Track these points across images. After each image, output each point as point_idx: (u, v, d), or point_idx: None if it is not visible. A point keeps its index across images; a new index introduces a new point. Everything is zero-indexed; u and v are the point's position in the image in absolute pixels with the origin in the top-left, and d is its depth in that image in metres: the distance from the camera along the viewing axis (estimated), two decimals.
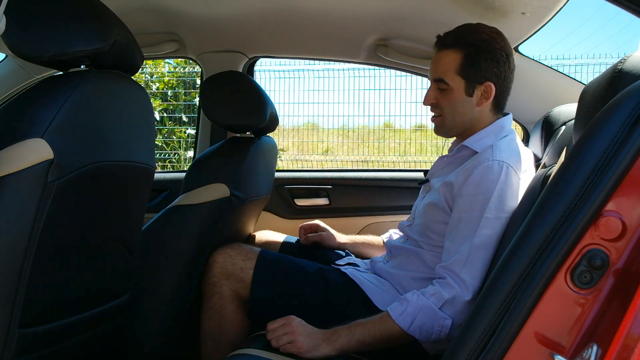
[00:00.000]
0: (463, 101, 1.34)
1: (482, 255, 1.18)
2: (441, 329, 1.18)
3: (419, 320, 1.18)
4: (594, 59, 5.22)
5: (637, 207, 0.67)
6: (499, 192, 1.21)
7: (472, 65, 1.31)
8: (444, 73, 1.33)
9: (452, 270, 1.20)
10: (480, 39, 1.31)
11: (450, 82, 1.32)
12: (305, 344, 1.18)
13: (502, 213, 1.20)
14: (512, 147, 1.31)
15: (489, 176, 1.22)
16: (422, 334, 1.18)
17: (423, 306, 1.18)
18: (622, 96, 0.73)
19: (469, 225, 1.21)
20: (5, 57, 2.02)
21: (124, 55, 1.10)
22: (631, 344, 0.58)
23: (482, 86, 1.32)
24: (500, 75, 1.33)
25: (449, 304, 1.18)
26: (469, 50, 1.31)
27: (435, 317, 1.18)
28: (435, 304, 1.18)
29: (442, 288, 1.19)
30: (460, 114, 1.35)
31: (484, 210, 1.20)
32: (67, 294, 1.07)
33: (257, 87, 1.67)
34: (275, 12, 1.76)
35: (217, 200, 1.49)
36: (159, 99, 5.55)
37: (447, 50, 1.33)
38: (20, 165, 0.88)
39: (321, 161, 5.86)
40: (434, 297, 1.19)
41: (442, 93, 1.35)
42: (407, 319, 1.18)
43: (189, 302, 1.50)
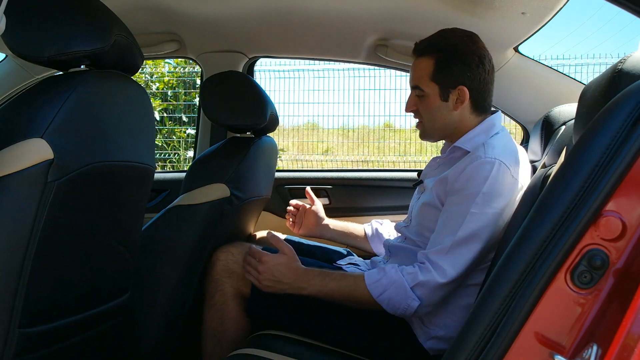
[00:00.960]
0: (439, 106, 1.36)
1: (465, 249, 1.21)
2: (407, 308, 1.23)
3: (389, 293, 1.23)
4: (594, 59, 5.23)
5: (637, 207, 0.67)
6: (488, 188, 1.22)
7: (444, 70, 1.33)
8: (419, 80, 1.36)
9: (432, 258, 1.23)
10: (451, 43, 1.34)
11: (425, 88, 1.35)
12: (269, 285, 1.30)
13: (489, 209, 1.22)
14: (505, 143, 1.32)
15: (481, 172, 1.24)
16: (389, 306, 1.24)
17: (397, 281, 1.23)
18: (622, 96, 0.73)
19: (455, 218, 1.24)
20: (5, 57, 2.02)
21: (124, 55, 1.10)
22: (631, 344, 0.58)
23: (455, 90, 1.34)
24: (474, 78, 1.34)
25: (422, 286, 1.22)
26: (440, 56, 1.34)
27: (405, 295, 1.22)
28: (409, 283, 1.22)
29: (420, 270, 1.23)
30: (438, 119, 1.37)
31: (471, 205, 1.22)
32: (67, 294, 1.07)
33: (257, 87, 1.67)
34: (275, 12, 1.76)
35: (217, 200, 1.49)
36: (159, 99, 5.55)
37: (421, 57, 1.37)
38: (20, 165, 0.88)
39: (321, 161, 5.86)
40: (409, 276, 1.23)
41: (420, 100, 1.38)
42: (378, 289, 1.24)
43: (188, 302, 1.50)
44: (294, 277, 1.28)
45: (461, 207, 1.23)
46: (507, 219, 1.25)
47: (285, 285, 1.29)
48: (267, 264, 1.29)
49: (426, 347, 1.30)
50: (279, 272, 1.28)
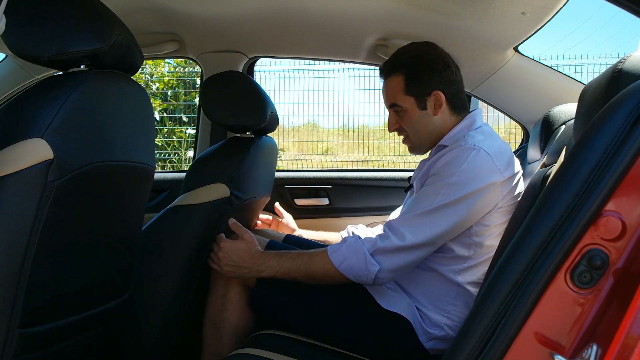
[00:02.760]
0: (420, 116, 1.41)
1: (428, 220, 1.24)
2: (368, 274, 1.25)
3: (349, 262, 1.26)
4: (594, 59, 5.23)
5: (637, 207, 0.67)
6: (462, 172, 1.24)
7: (415, 81, 1.39)
8: (394, 97, 1.42)
9: (392, 225, 1.27)
10: (413, 55, 1.41)
11: (402, 103, 1.40)
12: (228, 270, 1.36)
13: (460, 191, 1.23)
14: (487, 135, 1.34)
15: (458, 158, 1.27)
16: (351, 273, 1.27)
17: (356, 248, 1.26)
18: (622, 96, 0.73)
19: (426, 197, 1.27)
20: (5, 57, 2.02)
21: (124, 55, 1.10)
22: (631, 343, 0.58)
23: (431, 97, 1.39)
24: (445, 80, 1.40)
25: (380, 250, 1.25)
26: (407, 70, 1.39)
27: (364, 262, 1.25)
28: (368, 250, 1.25)
29: (379, 238, 1.27)
30: (422, 128, 1.41)
31: (442, 186, 1.25)
32: (67, 294, 1.07)
33: (257, 87, 1.67)
34: (275, 12, 1.76)
35: (217, 201, 1.49)
36: (159, 99, 5.55)
37: (389, 77, 1.43)
38: (20, 165, 0.88)
39: (321, 161, 5.86)
40: (369, 243, 1.27)
41: (400, 116, 1.43)
42: (339, 257, 1.27)
43: (188, 302, 1.50)
44: (251, 260, 1.34)
45: (432, 188, 1.27)
46: (480, 206, 1.25)
47: (245, 270, 1.34)
48: (225, 249, 1.36)
49: (427, 347, 1.30)
50: (237, 257, 1.34)
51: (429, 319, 1.30)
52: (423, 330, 1.30)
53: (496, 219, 1.30)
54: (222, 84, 1.64)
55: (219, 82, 1.65)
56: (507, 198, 1.29)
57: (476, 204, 1.24)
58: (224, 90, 1.63)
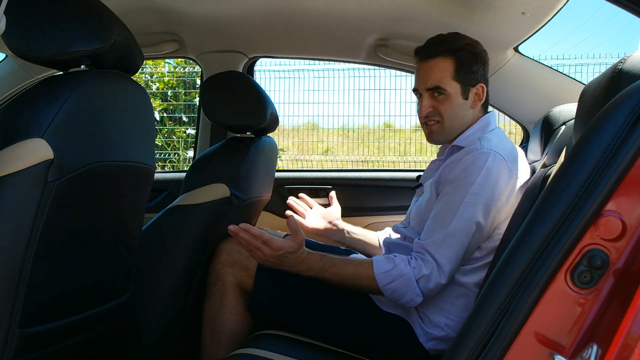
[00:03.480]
0: (460, 105, 1.38)
1: (459, 240, 1.23)
2: (410, 301, 1.24)
3: (395, 284, 1.24)
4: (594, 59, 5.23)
5: (637, 207, 0.67)
6: (483, 178, 1.23)
7: (466, 69, 1.36)
8: (440, 80, 1.36)
9: (428, 250, 1.25)
10: (467, 44, 1.38)
11: (448, 87, 1.36)
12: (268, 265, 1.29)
13: (484, 199, 1.23)
14: (502, 138, 1.34)
15: (476, 163, 1.25)
16: (392, 295, 1.25)
17: (406, 274, 1.24)
18: (622, 96, 0.72)
19: (450, 208, 1.25)
20: (5, 57, 2.02)
21: (124, 55, 1.10)
22: (631, 343, 0.58)
23: (474, 88, 1.38)
24: (486, 76, 1.41)
25: (425, 279, 1.23)
26: (460, 55, 1.36)
27: (410, 288, 1.24)
28: (415, 276, 1.24)
29: (424, 263, 1.24)
30: (459, 117, 1.38)
31: (466, 195, 1.23)
32: (67, 294, 1.07)
33: (257, 87, 1.67)
34: (275, 12, 1.76)
35: (217, 201, 1.49)
36: (159, 99, 5.55)
37: (438, 58, 1.37)
38: (20, 165, 0.88)
39: (321, 161, 5.86)
40: (416, 270, 1.24)
41: (439, 100, 1.38)
42: (386, 279, 1.25)
43: (188, 302, 1.50)
44: (296, 262, 1.29)
45: (455, 197, 1.25)
46: (502, 211, 1.26)
47: (286, 267, 1.30)
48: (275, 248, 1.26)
49: (427, 347, 1.30)
50: (284, 258, 1.27)
51: (428, 319, 1.30)
52: (423, 330, 1.30)
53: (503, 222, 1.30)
54: (222, 84, 1.64)
55: (219, 82, 1.65)
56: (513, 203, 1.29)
57: (500, 210, 1.26)
58: (224, 91, 1.63)
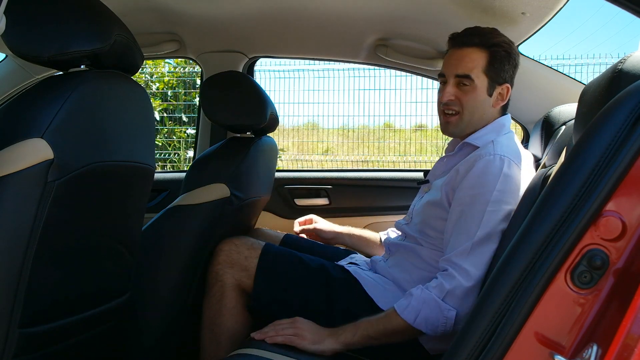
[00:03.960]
0: (483, 100, 1.36)
1: (486, 248, 1.20)
2: (447, 321, 1.18)
3: (423, 313, 1.19)
4: (594, 59, 5.23)
5: (637, 207, 0.67)
6: (501, 185, 1.22)
7: (497, 65, 1.35)
8: (470, 69, 1.34)
9: (454, 262, 1.21)
10: (504, 41, 1.36)
11: (476, 79, 1.34)
12: (309, 337, 1.20)
13: (505, 205, 1.22)
14: (514, 143, 1.33)
15: (491, 169, 1.24)
16: (429, 327, 1.19)
17: (426, 299, 1.19)
18: (622, 96, 0.73)
19: (472, 219, 1.22)
20: (5, 57, 2.02)
21: (124, 55, 1.10)
22: (631, 343, 0.58)
23: (500, 87, 1.37)
24: (514, 78, 1.39)
25: (451, 294, 1.19)
26: (495, 51, 1.34)
27: (439, 309, 1.18)
28: (438, 296, 1.19)
29: (444, 279, 1.20)
30: (479, 112, 1.37)
31: (487, 203, 1.21)
32: (67, 294, 1.07)
33: (257, 87, 1.67)
34: (275, 12, 1.76)
35: (217, 201, 1.49)
36: (159, 99, 5.55)
37: (472, 48, 1.35)
38: (20, 165, 0.88)
39: (321, 161, 5.86)
40: (436, 289, 1.20)
41: (463, 90, 1.36)
42: (411, 313, 1.19)
43: (189, 302, 1.50)
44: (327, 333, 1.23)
45: (477, 207, 1.22)
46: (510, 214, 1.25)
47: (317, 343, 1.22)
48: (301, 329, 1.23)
49: (427, 347, 1.29)
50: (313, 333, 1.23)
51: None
52: None
53: None
54: (222, 84, 1.64)
55: (219, 82, 1.65)
56: None
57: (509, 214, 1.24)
58: (224, 91, 1.63)
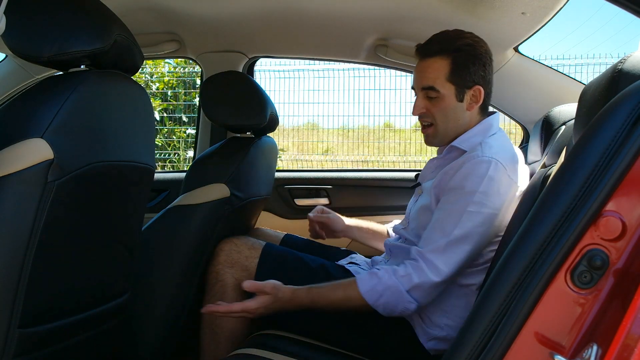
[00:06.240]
0: (454, 107, 1.34)
1: (460, 248, 1.22)
2: (404, 311, 1.23)
3: (385, 298, 1.23)
4: (594, 59, 5.23)
5: (637, 207, 0.67)
6: (485, 187, 1.22)
7: (461, 70, 1.32)
8: (433, 80, 1.33)
9: (427, 257, 1.23)
10: (466, 43, 1.33)
11: (441, 89, 1.33)
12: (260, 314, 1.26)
13: (485, 208, 1.22)
14: (502, 144, 1.32)
15: (477, 171, 1.24)
16: (385, 310, 1.24)
17: (391, 286, 1.22)
18: (622, 96, 0.72)
19: (451, 217, 1.23)
20: (5, 57, 2.02)
21: (124, 55, 1.10)
22: (631, 343, 0.58)
23: (471, 90, 1.34)
24: (487, 78, 1.36)
25: (417, 288, 1.22)
26: (456, 56, 1.32)
27: (401, 299, 1.22)
28: (404, 287, 1.22)
29: (414, 271, 1.22)
30: (453, 120, 1.36)
31: (468, 204, 1.22)
32: (67, 294, 1.07)
33: (257, 87, 1.67)
34: (275, 12, 1.76)
35: (217, 201, 1.49)
36: (159, 99, 5.55)
37: (434, 57, 1.34)
38: (20, 165, 0.88)
39: (321, 161, 5.86)
40: (404, 279, 1.22)
41: (432, 101, 1.35)
42: (374, 296, 1.23)
43: (188, 302, 1.50)
44: (281, 305, 1.26)
45: (457, 206, 1.24)
46: (503, 219, 1.25)
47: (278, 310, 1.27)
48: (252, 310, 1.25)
49: (427, 347, 1.30)
50: (267, 309, 1.25)
51: (429, 319, 1.30)
52: (423, 330, 1.30)
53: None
54: (222, 84, 1.64)
55: (219, 82, 1.65)
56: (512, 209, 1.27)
57: (499, 219, 1.24)
58: (224, 90, 1.63)
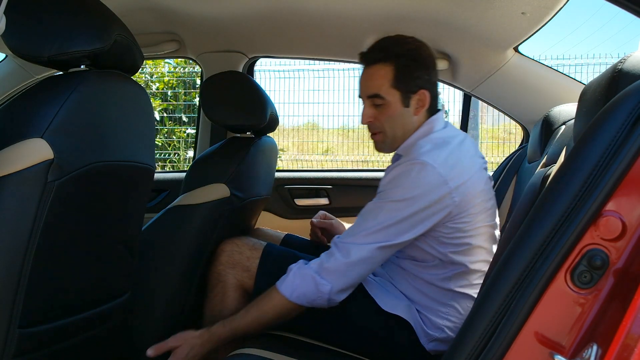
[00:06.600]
0: (401, 113, 1.33)
1: (374, 238, 1.22)
2: (320, 294, 1.23)
3: (300, 288, 1.23)
4: (594, 59, 5.23)
5: (637, 207, 0.67)
6: (407, 188, 1.22)
7: (405, 76, 1.31)
8: (378, 88, 1.32)
9: (337, 243, 1.25)
10: (408, 49, 1.33)
11: (387, 96, 1.32)
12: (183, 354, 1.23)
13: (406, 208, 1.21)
14: (438, 144, 1.28)
15: (403, 174, 1.23)
16: (305, 300, 1.24)
17: (303, 274, 1.24)
18: (622, 96, 0.72)
19: (371, 214, 1.25)
20: (5, 57, 2.02)
21: (124, 55, 1.10)
22: (631, 343, 0.58)
23: (416, 95, 1.33)
24: (431, 81, 1.35)
25: (326, 270, 1.23)
26: (399, 62, 1.31)
27: (314, 284, 1.23)
28: (315, 271, 1.23)
29: (325, 257, 1.25)
30: (400, 126, 1.35)
31: (387, 202, 1.23)
32: (67, 294, 1.07)
33: (257, 87, 1.67)
34: (275, 12, 1.76)
35: (217, 201, 1.49)
36: (159, 99, 5.55)
37: (378, 64, 1.33)
38: (20, 165, 0.88)
39: (321, 161, 5.86)
40: (315, 264, 1.25)
41: (379, 109, 1.34)
42: (288, 288, 1.24)
43: (188, 302, 1.50)
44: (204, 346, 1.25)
45: (377, 204, 1.25)
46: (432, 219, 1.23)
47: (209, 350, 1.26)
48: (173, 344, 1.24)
49: (427, 348, 1.30)
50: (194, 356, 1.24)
51: (429, 321, 1.30)
52: (424, 331, 1.30)
53: (466, 224, 1.26)
54: (222, 84, 1.64)
55: (219, 82, 1.65)
56: (464, 204, 1.24)
57: (422, 220, 1.22)
58: (224, 90, 1.63)
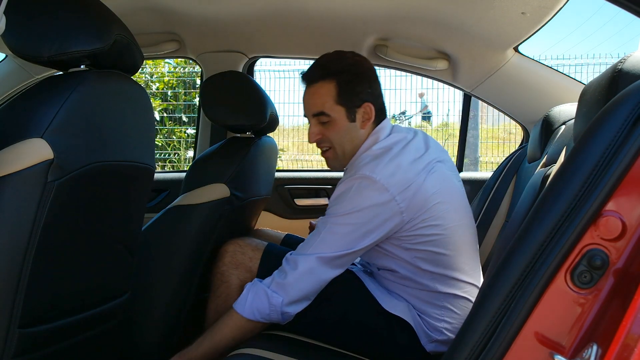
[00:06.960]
0: (348, 128, 1.34)
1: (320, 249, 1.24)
2: (273, 307, 1.24)
3: (254, 304, 1.25)
4: (594, 59, 5.24)
5: (637, 207, 0.67)
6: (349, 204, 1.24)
7: (348, 91, 1.32)
8: (322, 105, 1.33)
9: (288, 259, 1.27)
10: (349, 63, 1.34)
11: (331, 112, 1.33)
12: None
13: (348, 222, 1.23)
14: (378, 155, 1.28)
15: (346, 191, 1.25)
16: (260, 316, 1.25)
17: (255, 289, 1.26)
18: (622, 96, 0.73)
19: (320, 227, 1.28)
20: (5, 57, 2.02)
21: (124, 55, 1.10)
22: (631, 343, 0.58)
23: (361, 108, 1.34)
24: (375, 93, 1.36)
25: (278, 284, 1.25)
26: (341, 78, 1.32)
27: (265, 297, 1.24)
28: (267, 285, 1.25)
29: (277, 272, 1.27)
30: (349, 141, 1.35)
31: (330, 220, 1.26)
32: (67, 294, 1.07)
33: (257, 87, 1.67)
34: (275, 12, 1.76)
35: (217, 200, 1.49)
36: (159, 99, 5.55)
37: (319, 82, 1.34)
38: (20, 165, 0.88)
39: (321, 161, 5.84)
40: (268, 279, 1.27)
41: (325, 126, 1.35)
42: (243, 305, 1.26)
43: (188, 302, 1.50)
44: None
45: (326, 219, 1.27)
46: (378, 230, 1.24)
47: None
48: None
49: (428, 349, 1.30)
50: None
51: (428, 323, 1.30)
52: (424, 332, 1.30)
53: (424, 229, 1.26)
54: (222, 84, 1.64)
55: (219, 82, 1.65)
56: (415, 208, 1.24)
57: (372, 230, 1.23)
58: (223, 90, 1.63)
